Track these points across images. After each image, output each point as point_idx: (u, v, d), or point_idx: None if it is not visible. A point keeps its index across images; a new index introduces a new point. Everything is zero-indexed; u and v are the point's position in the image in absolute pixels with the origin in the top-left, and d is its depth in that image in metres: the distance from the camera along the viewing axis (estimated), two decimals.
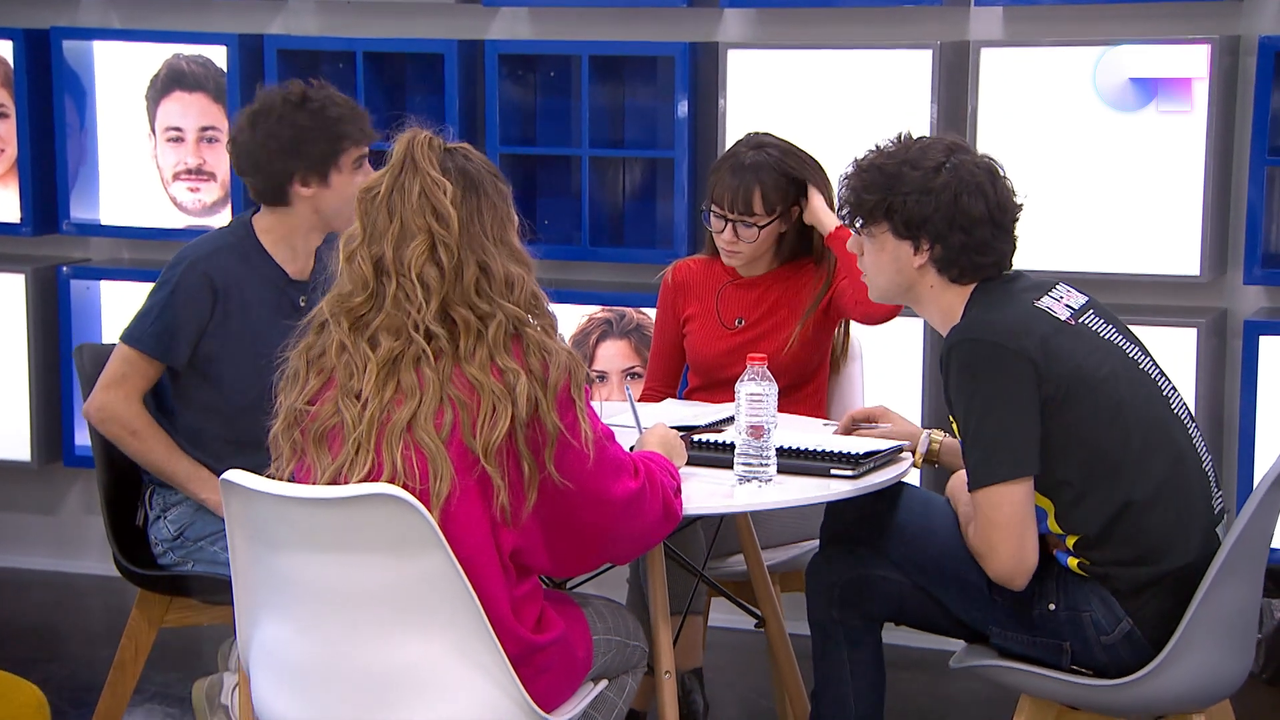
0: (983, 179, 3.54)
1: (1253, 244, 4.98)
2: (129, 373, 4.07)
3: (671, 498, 3.33)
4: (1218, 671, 3.47)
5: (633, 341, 5.54)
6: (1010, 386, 3.40)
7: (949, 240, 3.52)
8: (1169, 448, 3.48)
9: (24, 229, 5.93)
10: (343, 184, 4.05)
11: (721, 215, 4.40)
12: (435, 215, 3.13)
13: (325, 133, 4.03)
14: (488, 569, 3.11)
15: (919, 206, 3.51)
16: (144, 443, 4.06)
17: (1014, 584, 3.46)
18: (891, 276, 3.61)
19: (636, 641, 3.54)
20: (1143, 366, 3.54)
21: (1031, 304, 3.51)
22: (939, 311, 3.60)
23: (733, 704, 5.02)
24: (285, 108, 4.04)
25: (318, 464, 3.16)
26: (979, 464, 3.42)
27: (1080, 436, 3.42)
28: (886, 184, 3.54)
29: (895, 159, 3.56)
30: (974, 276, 3.56)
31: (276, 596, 3.20)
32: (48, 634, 5.72)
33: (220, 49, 5.74)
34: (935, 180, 3.51)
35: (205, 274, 4.06)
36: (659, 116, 5.57)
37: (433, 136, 3.21)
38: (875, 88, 5.21)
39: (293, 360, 3.25)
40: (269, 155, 4.05)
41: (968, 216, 3.51)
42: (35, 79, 5.87)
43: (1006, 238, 3.57)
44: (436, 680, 3.12)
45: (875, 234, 3.59)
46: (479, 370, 3.09)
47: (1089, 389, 3.43)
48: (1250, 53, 5.03)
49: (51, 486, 6.27)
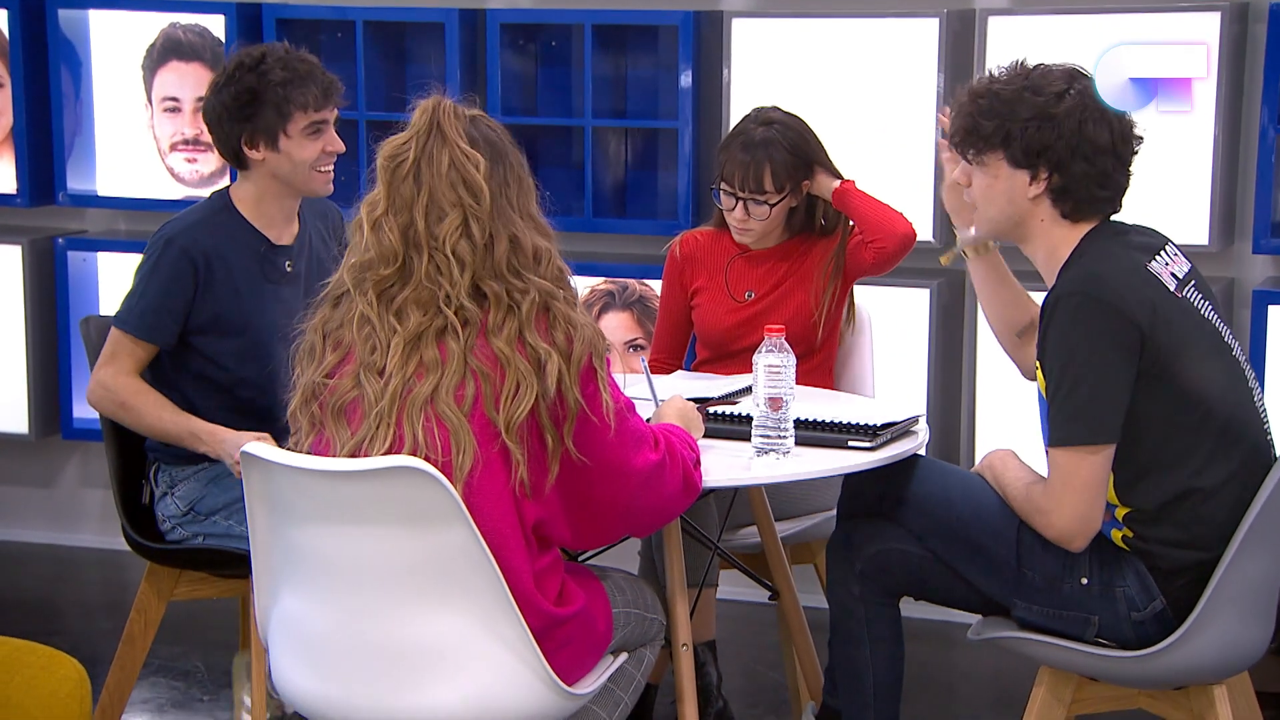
0: (1107, 107, 3.45)
1: (1262, 213, 4.96)
2: (116, 351, 4.07)
3: (691, 470, 3.31)
4: (1239, 643, 3.44)
5: (635, 313, 5.51)
6: (1115, 351, 3.32)
7: (1070, 169, 3.42)
8: (1245, 441, 3.43)
9: (20, 200, 5.89)
10: (293, 148, 4.04)
11: (732, 194, 4.37)
12: (467, 188, 3.11)
13: (271, 96, 4.01)
14: (510, 541, 3.09)
15: (1040, 133, 3.41)
16: (132, 413, 4.03)
17: (1073, 545, 3.40)
18: (1003, 207, 3.50)
19: (655, 615, 3.52)
20: (1234, 352, 3.48)
21: (1144, 266, 3.42)
22: (1045, 250, 3.50)
23: (740, 675, 5.01)
24: (239, 71, 4.03)
25: (336, 438, 3.13)
26: (1067, 421, 3.35)
27: (1162, 414, 3.36)
28: (1006, 110, 3.44)
29: (1014, 85, 3.45)
30: (1089, 213, 3.46)
31: (296, 570, 3.18)
32: (47, 607, 5.70)
33: (218, 18, 5.69)
34: (1059, 106, 3.41)
35: (184, 249, 4.04)
36: (662, 86, 5.54)
37: (457, 105, 3.17)
38: (881, 56, 5.18)
39: (308, 334, 3.22)
40: (218, 117, 4.06)
41: (1092, 144, 3.42)
42: (31, 49, 5.82)
43: (1125, 172, 3.47)
44: (458, 654, 3.10)
45: (989, 163, 3.48)
46: (505, 344, 3.06)
47: (1183, 369, 3.36)
48: (1260, 20, 5.01)
49: (49, 459, 6.24)
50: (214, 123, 4.08)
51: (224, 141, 4.08)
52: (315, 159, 4.06)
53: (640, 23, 5.47)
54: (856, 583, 3.67)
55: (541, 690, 3.14)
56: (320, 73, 4.08)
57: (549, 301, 3.12)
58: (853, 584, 3.67)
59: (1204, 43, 4.89)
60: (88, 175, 5.89)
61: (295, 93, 4.01)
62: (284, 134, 4.03)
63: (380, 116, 5.51)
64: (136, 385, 4.04)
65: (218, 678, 4.96)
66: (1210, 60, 4.88)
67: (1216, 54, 4.88)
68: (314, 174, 4.08)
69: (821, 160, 4.41)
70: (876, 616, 3.68)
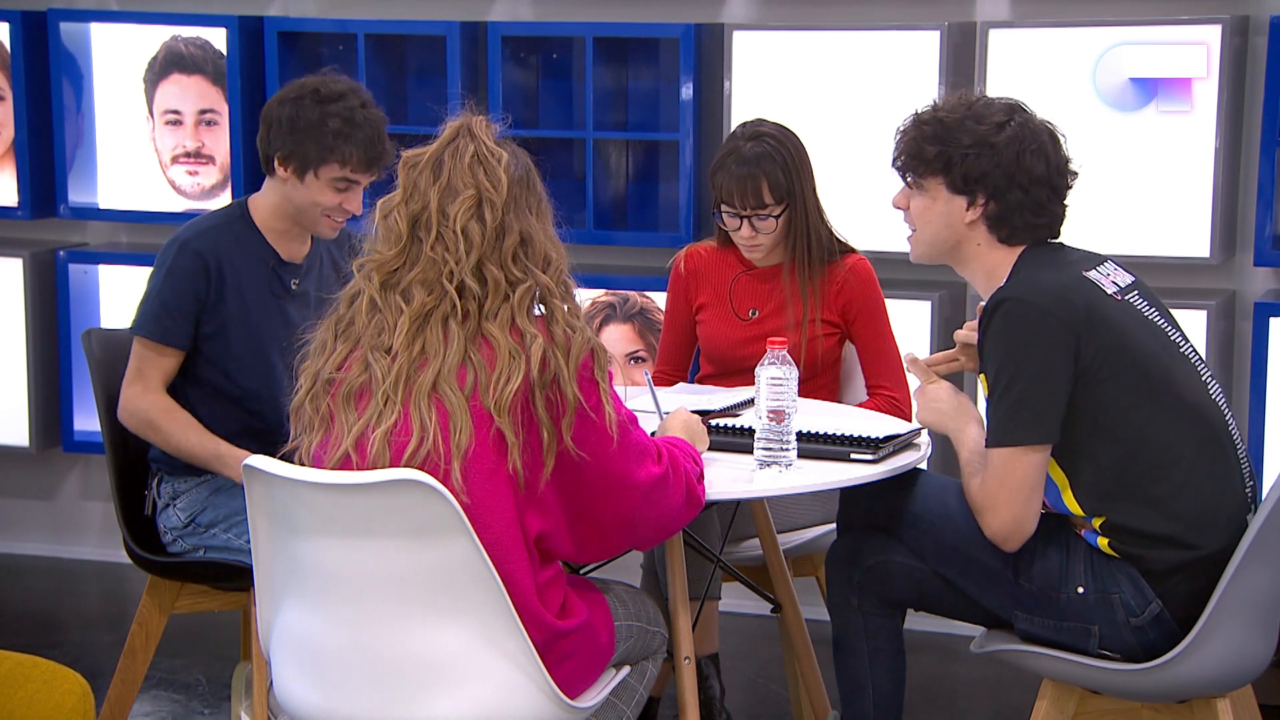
0: (1045, 140, 3.54)
1: (1263, 225, 4.96)
2: (142, 366, 4.07)
3: (694, 484, 3.31)
4: (1243, 655, 3.45)
5: (636, 325, 5.51)
6: (1048, 353, 3.38)
7: (1006, 197, 3.51)
8: (1204, 432, 3.46)
9: (21, 213, 5.89)
10: (315, 190, 4.04)
11: (734, 213, 4.36)
12: (487, 174, 3.15)
13: (319, 136, 4.01)
14: (513, 554, 3.09)
15: (979, 161, 3.50)
16: (159, 433, 4.05)
17: (1007, 546, 3.47)
18: (939, 231, 3.58)
19: (657, 627, 3.52)
20: (1183, 350, 3.53)
21: (1080, 273, 3.50)
22: (983, 272, 3.58)
23: (742, 688, 5.00)
24: (311, 98, 4.04)
25: (345, 424, 3.13)
26: (1001, 422, 3.41)
27: (1114, 413, 3.41)
28: (948, 136, 3.53)
29: (957, 113, 3.55)
30: (1024, 238, 3.55)
31: (298, 583, 3.18)
32: (48, 620, 5.69)
33: (219, 31, 5.69)
34: (999, 136, 3.51)
35: (197, 252, 4.06)
36: (663, 98, 5.54)
37: (488, 119, 3.24)
38: (882, 69, 5.18)
39: (320, 332, 3.24)
40: (271, 124, 4.07)
41: (1028, 175, 3.50)
42: (32, 62, 5.82)
43: (1060, 203, 3.57)
44: (461, 667, 3.10)
45: (928, 187, 3.57)
46: (498, 329, 3.09)
47: (1128, 365, 3.42)
48: (1260, 33, 5.01)
49: (49, 472, 6.23)
50: (266, 123, 4.09)
51: (264, 144, 4.09)
52: (329, 208, 4.06)
53: (641, 35, 5.47)
54: (856, 595, 3.67)
55: (544, 703, 3.14)
56: (378, 140, 4.06)
57: (548, 299, 3.14)
58: (853, 596, 3.68)
59: (1204, 43, 4.89)
60: (89, 188, 5.89)
61: (343, 146, 4.01)
62: (314, 174, 4.03)
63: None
64: (164, 404, 4.05)
65: (219, 690, 4.96)
66: (1210, 61, 4.88)
67: (1218, 55, 4.87)
68: (323, 219, 4.08)
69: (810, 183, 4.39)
70: (877, 629, 3.68)
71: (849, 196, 5.08)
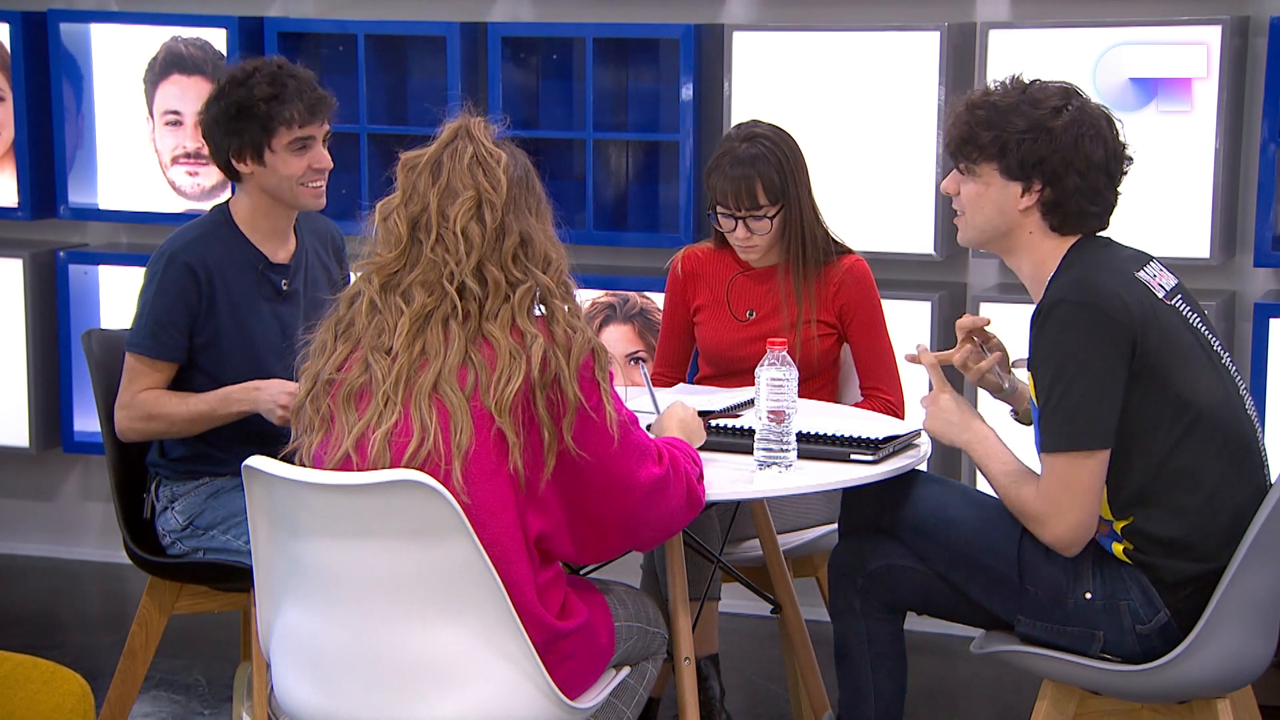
0: (1103, 125, 3.48)
1: (1263, 226, 4.96)
2: (135, 378, 4.07)
3: (694, 484, 3.32)
4: (1243, 656, 3.44)
5: (636, 326, 5.51)
6: (1107, 355, 3.33)
7: (1063, 183, 3.44)
8: (1236, 446, 3.43)
9: (21, 213, 5.89)
10: (278, 164, 4.05)
11: (729, 214, 4.36)
12: (486, 175, 3.16)
13: (256, 111, 4.02)
14: (513, 555, 3.09)
15: (1036, 146, 3.43)
16: (160, 419, 4.04)
17: (1070, 550, 3.41)
18: (991, 217, 3.51)
19: (657, 628, 3.52)
20: (1224, 361, 3.49)
21: (1133, 274, 3.44)
22: (1032, 262, 3.51)
23: (742, 689, 5.00)
24: (229, 85, 4.06)
25: (345, 425, 3.13)
26: (1061, 427, 3.35)
27: (1155, 420, 3.37)
28: (1002, 121, 3.45)
29: (1011, 97, 3.47)
30: (1076, 227, 3.48)
31: (298, 584, 3.18)
32: (47, 621, 5.69)
33: (219, 31, 5.70)
34: (1056, 120, 3.43)
35: (186, 264, 4.06)
36: (663, 99, 5.54)
37: (486, 120, 3.24)
38: (882, 70, 5.18)
39: (320, 333, 3.24)
40: (210, 131, 4.09)
41: (1087, 160, 3.44)
42: (32, 62, 5.82)
43: (1114, 190, 3.51)
44: (461, 667, 3.10)
45: (981, 173, 3.49)
46: (499, 330, 3.09)
47: (1174, 371, 3.37)
48: (1260, 34, 5.01)
49: (49, 472, 6.24)
50: (207, 136, 4.11)
51: (217, 154, 4.11)
52: (301, 174, 4.06)
53: (641, 36, 5.47)
54: (858, 598, 3.66)
55: (544, 704, 3.14)
56: (309, 88, 4.07)
57: (548, 299, 3.14)
58: (854, 599, 3.67)
59: (1204, 43, 4.89)
60: (89, 189, 5.89)
61: (279, 108, 4.02)
62: (269, 149, 4.04)
63: (381, 130, 5.52)
64: (153, 394, 4.05)
65: (219, 691, 4.96)
66: (1210, 61, 4.88)
67: (1218, 55, 4.87)
68: (301, 189, 4.08)
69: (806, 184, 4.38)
70: (879, 633, 3.67)
71: (849, 197, 5.09)
